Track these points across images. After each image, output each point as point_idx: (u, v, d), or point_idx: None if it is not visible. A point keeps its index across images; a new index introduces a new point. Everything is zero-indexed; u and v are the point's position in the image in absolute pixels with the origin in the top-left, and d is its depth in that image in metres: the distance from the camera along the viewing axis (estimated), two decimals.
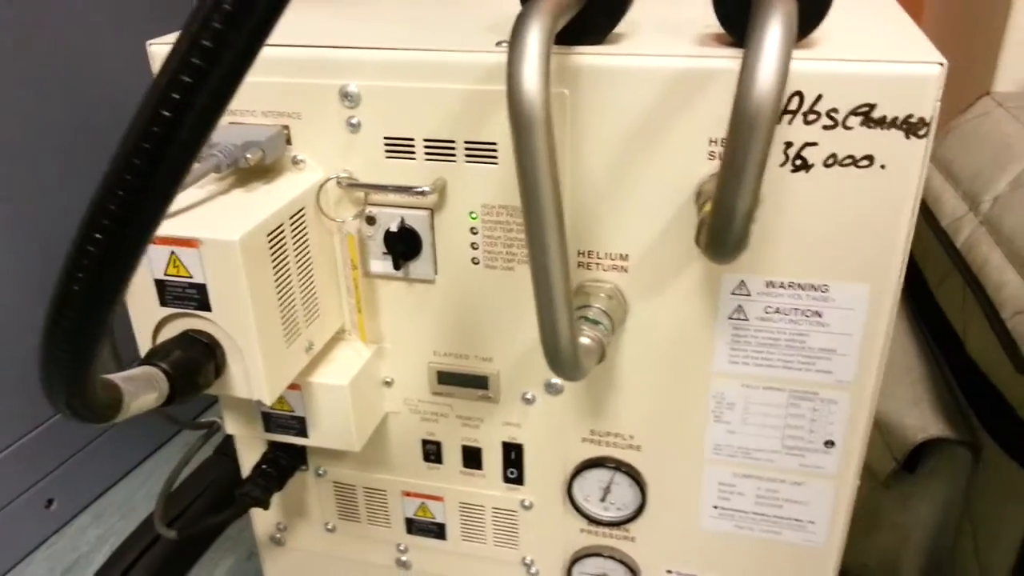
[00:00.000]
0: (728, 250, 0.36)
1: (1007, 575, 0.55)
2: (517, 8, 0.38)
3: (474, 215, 0.49)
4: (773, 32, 0.33)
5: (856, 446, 0.50)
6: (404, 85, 0.47)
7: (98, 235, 0.25)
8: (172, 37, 0.52)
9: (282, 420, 0.54)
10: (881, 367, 0.47)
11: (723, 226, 0.35)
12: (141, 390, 0.41)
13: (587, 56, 0.44)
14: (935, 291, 0.68)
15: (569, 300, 0.38)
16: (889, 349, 0.47)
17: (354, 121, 0.48)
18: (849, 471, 0.51)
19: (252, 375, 0.46)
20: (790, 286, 0.46)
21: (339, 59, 0.47)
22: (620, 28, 0.46)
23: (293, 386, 0.52)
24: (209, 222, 0.45)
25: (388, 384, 0.56)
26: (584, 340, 0.44)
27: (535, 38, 0.35)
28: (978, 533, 0.59)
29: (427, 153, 0.48)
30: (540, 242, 0.37)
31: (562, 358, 0.40)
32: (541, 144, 0.35)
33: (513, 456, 0.57)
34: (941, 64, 0.39)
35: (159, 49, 0.51)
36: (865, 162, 0.42)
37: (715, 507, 0.55)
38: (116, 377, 0.39)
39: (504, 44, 0.46)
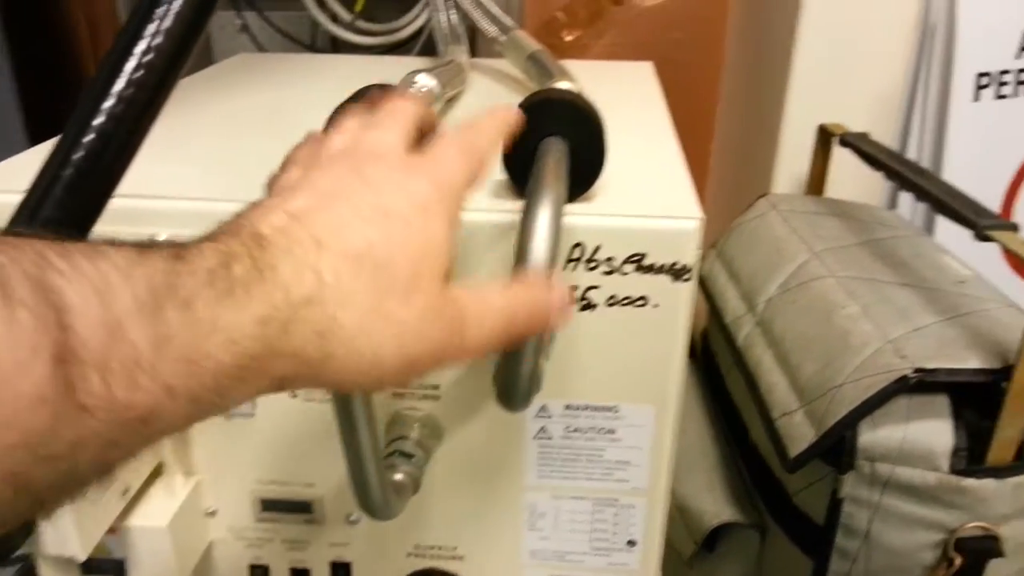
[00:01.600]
0: (515, 406, 0.39)
1: None
2: None
3: None
4: (542, 219, 0.37)
5: (655, 543, 0.55)
6: None
7: None
8: None
9: (100, 564, 0.53)
10: (671, 474, 0.53)
11: (509, 387, 0.38)
12: None
13: None
14: (725, 377, 0.75)
15: (377, 458, 0.41)
16: (686, 434, 0.52)
17: None
18: (650, 566, 0.56)
19: (63, 532, 0.46)
20: (586, 408, 0.51)
21: (149, 209, 0.48)
22: None
23: (111, 530, 0.51)
24: None
25: (211, 514, 0.57)
26: (398, 477, 0.47)
27: None
28: None
29: None
30: (348, 418, 0.39)
31: (374, 507, 0.42)
32: None
33: (342, 574, 0.58)
34: (699, 219, 0.45)
35: None
36: (640, 302, 0.47)
37: None
38: None
39: None
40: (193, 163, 0.55)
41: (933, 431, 0.53)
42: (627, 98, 0.75)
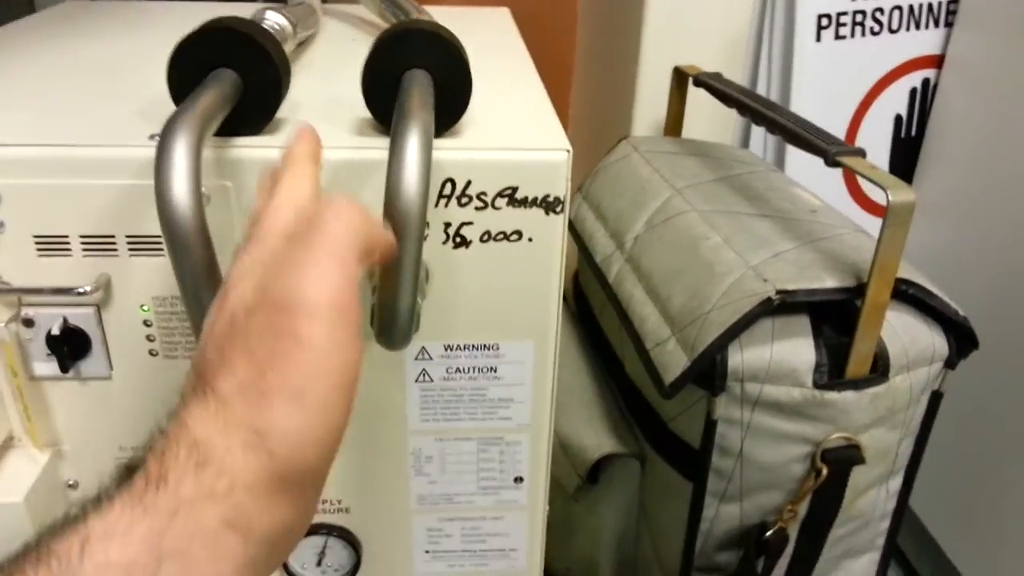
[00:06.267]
0: (396, 343, 0.38)
1: (679, 562, 0.64)
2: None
3: (146, 308, 0.48)
4: (412, 147, 0.36)
5: (541, 478, 0.55)
6: (50, 182, 0.44)
7: None
8: None
9: None
10: (553, 408, 0.53)
11: (389, 324, 0.37)
12: None
13: (246, 149, 0.44)
14: (598, 317, 0.76)
15: None
16: (565, 372, 0.53)
17: None
18: (538, 500, 0.56)
19: None
20: (466, 348, 0.50)
21: None
22: (281, 112, 0.47)
23: None
24: None
25: (72, 487, 0.53)
26: None
27: (182, 159, 0.35)
28: (652, 529, 0.68)
29: (85, 249, 0.46)
30: None
31: None
32: (196, 259, 0.35)
33: None
34: (568, 151, 0.45)
35: None
36: (515, 236, 0.46)
37: (426, 552, 0.57)
38: None
39: (157, 137, 0.45)
40: (18, 109, 0.50)
41: (796, 349, 0.56)
42: (487, 40, 0.74)
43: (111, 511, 0.25)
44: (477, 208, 0.46)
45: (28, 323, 0.47)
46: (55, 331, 0.47)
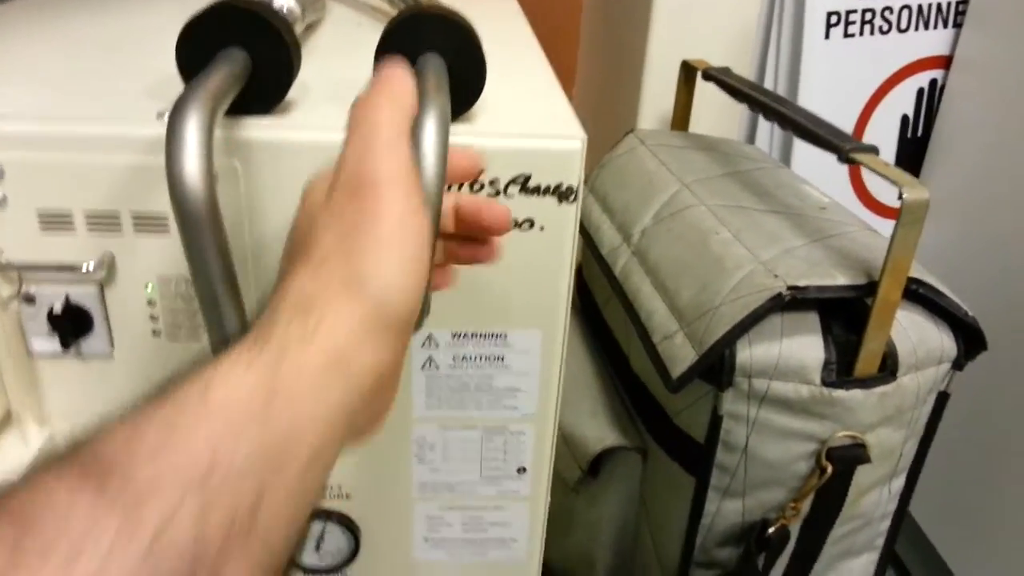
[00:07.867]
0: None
1: (678, 557, 0.64)
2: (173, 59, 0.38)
3: (150, 287, 0.47)
4: (429, 131, 0.35)
5: (544, 468, 0.55)
6: (55, 157, 0.43)
7: None
8: None
9: None
10: (559, 398, 0.52)
11: None
12: None
13: (256, 130, 0.44)
14: (603, 310, 0.76)
15: None
16: (569, 365, 0.52)
17: None
18: (540, 491, 0.56)
19: None
20: (473, 336, 0.49)
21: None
22: (291, 94, 0.46)
23: None
24: None
25: None
26: None
27: (194, 136, 0.34)
28: (652, 524, 0.67)
29: (89, 226, 0.45)
30: (218, 330, 0.36)
31: None
32: (208, 239, 0.34)
33: None
34: (582, 139, 0.44)
35: None
36: (527, 225, 0.46)
37: (426, 539, 0.57)
38: None
39: (166, 115, 0.44)
40: (24, 82, 0.49)
41: (805, 346, 0.55)
42: (497, 27, 0.73)
43: (227, 360, 0.27)
44: (489, 195, 0.45)
45: (29, 300, 0.46)
46: (57, 309, 0.46)
